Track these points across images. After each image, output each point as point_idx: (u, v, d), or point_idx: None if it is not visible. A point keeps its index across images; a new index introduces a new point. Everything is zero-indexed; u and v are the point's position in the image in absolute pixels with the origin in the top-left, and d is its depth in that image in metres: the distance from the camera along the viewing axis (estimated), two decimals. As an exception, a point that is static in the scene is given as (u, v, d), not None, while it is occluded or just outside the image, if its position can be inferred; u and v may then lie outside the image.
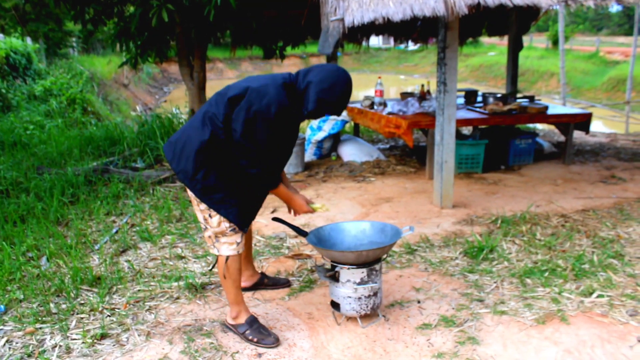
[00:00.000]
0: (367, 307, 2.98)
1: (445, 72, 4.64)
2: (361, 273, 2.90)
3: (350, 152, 7.00)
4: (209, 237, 2.79)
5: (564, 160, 6.71)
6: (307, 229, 3.11)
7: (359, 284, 2.91)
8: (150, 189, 5.72)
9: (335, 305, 3.03)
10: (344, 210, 5.06)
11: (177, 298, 3.38)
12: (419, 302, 3.28)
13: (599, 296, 3.25)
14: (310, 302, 3.33)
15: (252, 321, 2.90)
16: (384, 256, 3.08)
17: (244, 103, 2.61)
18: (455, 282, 3.53)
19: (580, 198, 5.23)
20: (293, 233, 4.17)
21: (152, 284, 3.58)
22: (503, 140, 6.56)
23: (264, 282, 3.50)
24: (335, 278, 2.95)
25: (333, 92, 2.65)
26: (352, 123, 8.31)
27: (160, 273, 3.74)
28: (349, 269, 2.89)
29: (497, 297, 3.30)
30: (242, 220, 2.75)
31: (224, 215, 2.70)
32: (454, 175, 4.98)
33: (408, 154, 7.39)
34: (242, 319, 2.90)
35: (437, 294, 3.37)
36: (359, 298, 2.94)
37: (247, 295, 3.40)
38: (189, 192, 2.76)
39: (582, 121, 6.54)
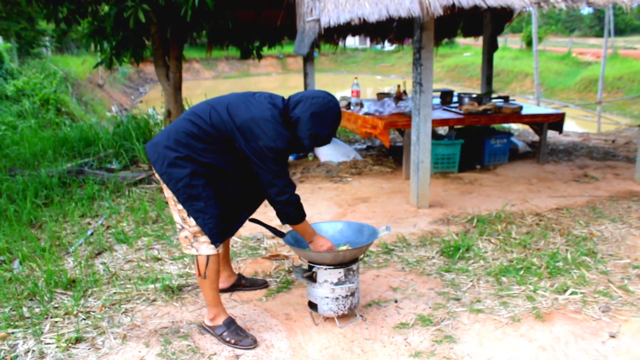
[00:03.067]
0: (344, 307, 2.98)
1: (421, 72, 4.67)
2: (338, 273, 2.91)
3: (327, 152, 7.01)
4: (186, 237, 2.76)
5: (538, 159, 6.82)
6: (283, 230, 3.10)
7: (336, 284, 2.92)
8: (125, 191, 5.65)
9: (312, 306, 3.03)
10: (321, 210, 5.07)
11: (154, 300, 3.34)
12: (396, 301, 3.30)
13: (573, 293, 3.30)
14: (287, 303, 3.32)
15: (230, 323, 2.88)
16: (362, 256, 3.08)
17: (250, 136, 2.63)
18: (432, 282, 3.55)
19: (554, 197, 5.31)
20: (270, 234, 4.16)
21: (128, 286, 3.54)
22: (478, 140, 6.64)
23: (241, 283, 3.49)
24: (312, 279, 2.95)
25: (324, 127, 2.71)
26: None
27: (137, 275, 3.70)
28: (326, 269, 2.90)
29: (473, 296, 3.33)
30: (217, 234, 2.72)
31: (199, 225, 2.68)
32: (430, 175, 5.02)
33: (385, 154, 7.43)
34: (220, 321, 2.89)
35: (414, 294, 3.39)
36: (337, 298, 2.94)
37: (224, 296, 3.38)
38: (166, 193, 2.73)
39: (556, 121, 6.64)
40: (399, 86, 7.13)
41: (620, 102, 17.49)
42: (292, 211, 2.77)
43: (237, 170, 2.77)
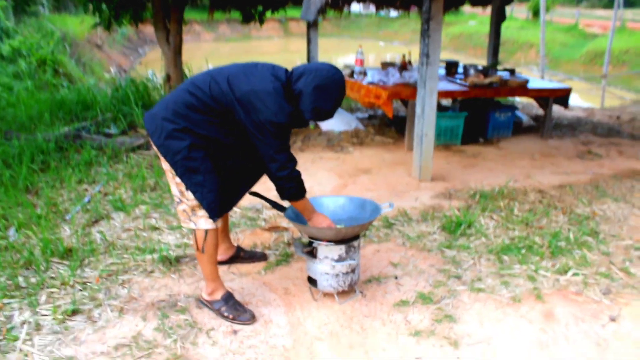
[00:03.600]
0: (344, 283, 2.95)
1: (429, 44, 4.55)
2: (339, 250, 2.86)
3: (329, 121, 6.91)
4: (184, 210, 2.71)
5: (542, 134, 6.73)
6: (284, 204, 3.04)
7: (337, 260, 2.87)
8: (123, 156, 5.58)
9: (312, 281, 3.00)
10: (322, 181, 5.01)
11: (151, 272, 3.31)
12: (396, 277, 3.27)
13: (574, 274, 3.27)
14: (286, 277, 3.29)
15: (228, 297, 2.85)
16: (363, 233, 3.03)
17: (251, 108, 2.55)
18: (433, 258, 3.52)
19: (558, 173, 5.25)
20: (265, 211, 4.11)
21: (125, 256, 3.50)
22: (482, 113, 6.54)
23: (240, 256, 3.45)
24: (312, 254, 2.91)
25: (328, 100, 2.62)
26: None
27: (134, 245, 3.65)
28: (327, 245, 2.85)
29: (474, 274, 3.30)
30: (215, 208, 2.65)
31: (198, 199, 2.62)
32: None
33: (387, 124, 7.33)
34: (218, 295, 2.85)
35: (414, 270, 3.36)
36: (337, 275, 2.91)
37: (222, 269, 3.34)
38: (164, 165, 2.66)
39: (562, 96, 6.54)
40: (403, 56, 6.99)
41: (625, 76, 17.25)
42: (292, 187, 2.71)
43: (236, 142, 2.70)
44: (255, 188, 3.08)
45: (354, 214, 3.13)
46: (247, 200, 4.41)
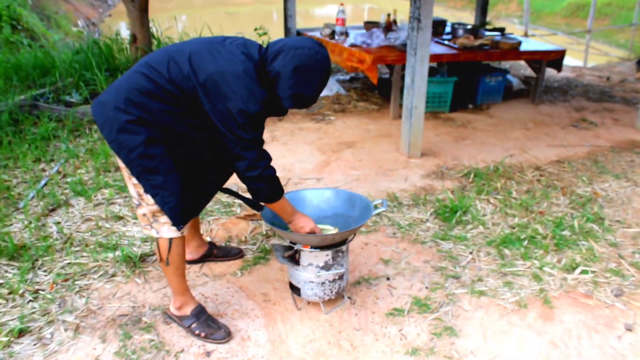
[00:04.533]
0: (331, 292, 2.62)
1: (420, 6, 4.11)
2: (325, 256, 2.51)
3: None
4: (144, 215, 2.31)
5: (533, 99, 6.39)
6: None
7: (322, 268, 2.53)
8: (85, 129, 5.10)
9: (294, 289, 2.66)
10: (303, 157, 4.62)
11: (113, 275, 2.93)
12: (388, 278, 2.95)
13: (583, 272, 2.98)
14: (265, 279, 2.95)
15: (199, 312, 2.49)
16: (351, 236, 2.68)
17: (216, 95, 2.12)
18: (428, 252, 3.20)
19: (554, 146, 4.94)
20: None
21: (84, 254, 3.11)
22: (472, 78, 6.15)
23: (213, 254, 3.09)
24: (294, 260, 2.56)
25: (310, 84, 2.20)
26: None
27: (94, 240, 3.26)
28: (311, 251, 2.50)
29: (474, 273, 2.99)
30: (179, 215, 2.25)
31: (158, 204, 2.22)
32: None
33: (370, 87, 6.91)
34: (188, 310, 2.49)
35: (408, 268, 3.04)
36: (323, 283, 2.57)
37: (194, 269, 2.99)
38: (119, 162, 2.24)
39: (555, 58, 6.16)
40: (388, 15, 6.50)
41: (607, 30, 16.90)
42: (263, 188, 2.31)
43: (202, 135, 2.28)
44: (229, 187, 2.69)
45: (341, 210, 2.76)
46: (221, 182, 4.02)
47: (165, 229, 2.30)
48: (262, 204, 2.47)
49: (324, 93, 6.39)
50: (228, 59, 2.15)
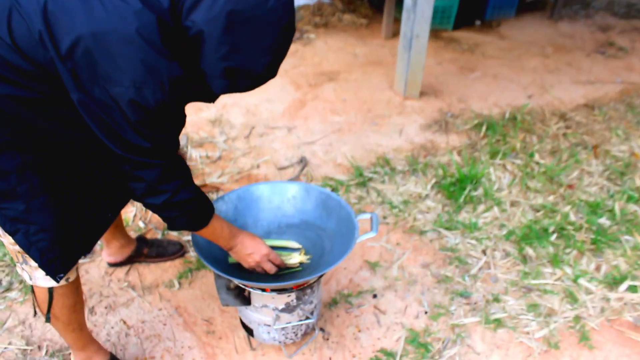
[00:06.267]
0: (295, 335, 1.88)
1: None
2: (287, 297, 1.75)
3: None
4: (13, 249, 1.48)
5: (551, 14, 5.39)
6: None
7: (283, 310, 1.77)
8: None
9: (246, 328, 1.92)
10: (272, 96, 3.72)
11: (7, 289, 2.16)
12: (375, 296, 2.21)
13: (630, 288, 2.26)
14: (211, 293, 2.20)
15: (108, 370, 1.76)
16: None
17: (89, 76, 1.18)
18: (427, 250, 2.45)
19: (579, 83, 4.06)
20: (190, 149, 2.91)
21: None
22: (482, -13, 5.11)
23: (143, 253, 2.31)
24: (244, 298, 1.79)
25: (256, 50, 1.21)
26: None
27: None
28: (264, 295, 1.72)
29: (487, 287, 2.26)
30: (56, 261, 1.43)
31: (20, 245, 1.39)
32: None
33: (359, -6, 5.82)
34: (92, 368, 1.76)
35: (401, 278, 2.30)
36: (284, 328, 1.82)
37: (117, 277, 2.23)
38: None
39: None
40: None
41: None
42: (177, 216, 1.46)
43: (85, 135, 1.35)
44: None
45: (311, 216, 1.93)
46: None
47: (41, 277, 1.50)
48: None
49: (302, 1, 5.33)
50: (112, 10, 1.16)
